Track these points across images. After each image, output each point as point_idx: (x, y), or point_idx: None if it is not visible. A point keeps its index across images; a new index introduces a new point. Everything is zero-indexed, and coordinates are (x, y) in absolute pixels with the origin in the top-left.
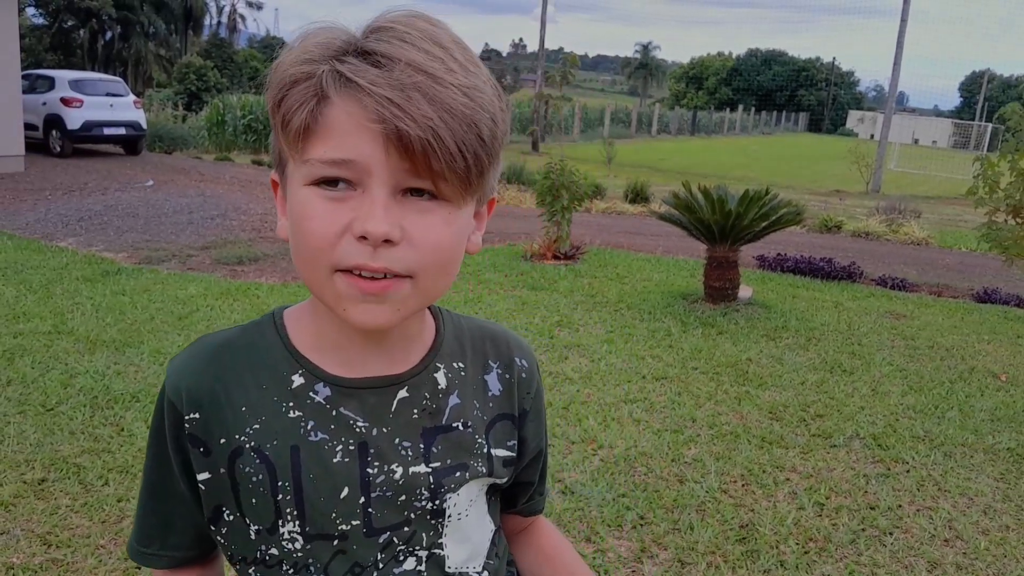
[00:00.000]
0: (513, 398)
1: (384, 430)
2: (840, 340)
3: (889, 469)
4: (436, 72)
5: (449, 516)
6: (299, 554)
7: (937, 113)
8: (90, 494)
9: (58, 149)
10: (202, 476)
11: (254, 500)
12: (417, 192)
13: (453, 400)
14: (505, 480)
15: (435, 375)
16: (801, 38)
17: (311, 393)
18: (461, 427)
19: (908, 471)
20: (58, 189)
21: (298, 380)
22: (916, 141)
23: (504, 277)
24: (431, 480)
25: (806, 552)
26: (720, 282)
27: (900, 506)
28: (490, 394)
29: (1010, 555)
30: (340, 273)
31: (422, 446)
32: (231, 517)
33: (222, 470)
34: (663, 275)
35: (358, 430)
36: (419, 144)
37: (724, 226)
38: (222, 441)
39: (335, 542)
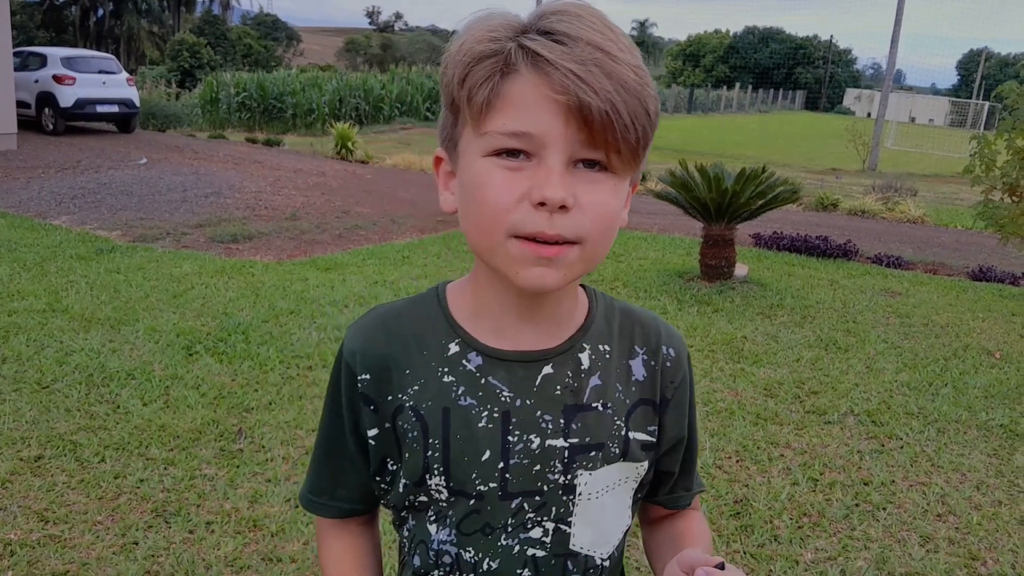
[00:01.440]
0: (656, 385)
1: (528, 402)
2: (835, 318)
3: (883, 445)
4: (611, 50)
5: (579, 494)
6: (443, 504)
7: (934, 91)
8: (87, 471)
9: (51, 127)
10: (372, 432)
11: (408, 455)
12: (587, 164)
13: (594, 381)
14: (645, 464)
15: (579, 355)
16: (799, 15)
17: (464, 361)
18: (600, 408)
19: (902, 447)
20: (51, 167)
21: (454, 348)
22: (913, 119)
23: None
24: (566, 455)
25: (800, 527)
26: (716, 260)
27: (893, 481)
28: (633, 379)
29: (1002, 529)
30: (515, 238)
31: (562, 421)
32: (394, 467)
33: (387, 425)
34: (659, 253)
35: (503, 399)
36: (599, 115)
37: (720, 204)
38: (389, 399)
39: (472, 501)
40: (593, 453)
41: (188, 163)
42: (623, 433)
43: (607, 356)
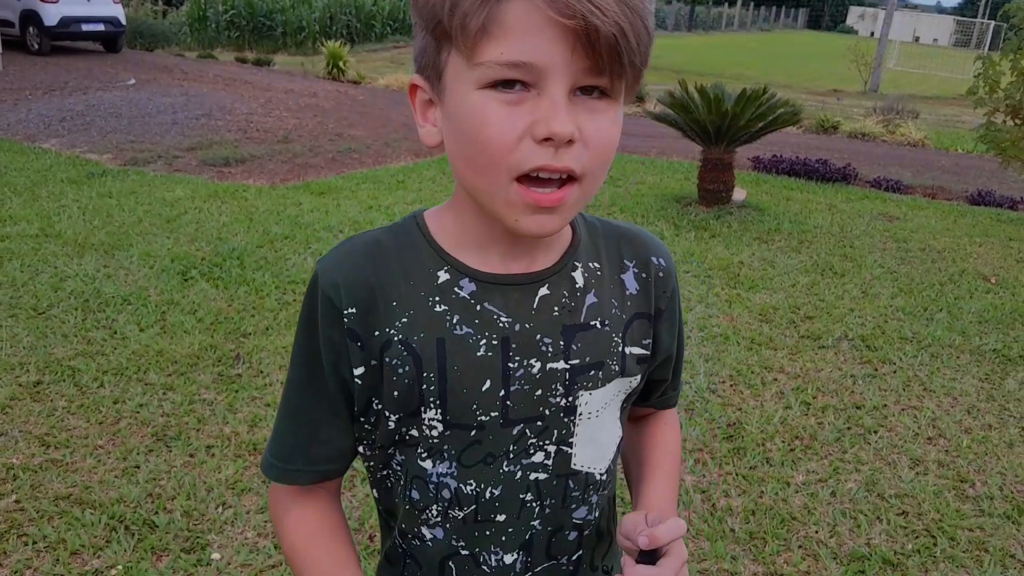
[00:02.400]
0: (650, 297)
1: (527, 326)
2: (832, 242)
3: (876, 369)
4: None
5: (580, 414)
6: (435, 440)
7: (939, 10)
8: (86, 396)
9: (36, 47)
10: (358, 371)
11: (396, 392)
12: (587, 91)
13: (590, 299)
14: (638, 378)
15: (573, 274)
16: None
17: (456, 288)
18: (599, 325)
19: (895, 371)
20: (38, 88)
21: (443, 276)
22: (917, 39)
23: None
24: (567, 377)
25: (792, 450)
26: (714, 184)
27: (885, 405)
28: (627, 293)
29: (991, 453)
30: (517, 184)
31: (562, 343)
32: (378, 407)
33: (373, 362)
34: (657, 178)
35: (501, 325)
36: (607, 40)
37: (720, 127)
38: (376, 334)
39: (472, 432)
40: (593, 372)
41: (177, 84)
42: (621, 349)
43: (599, 273)
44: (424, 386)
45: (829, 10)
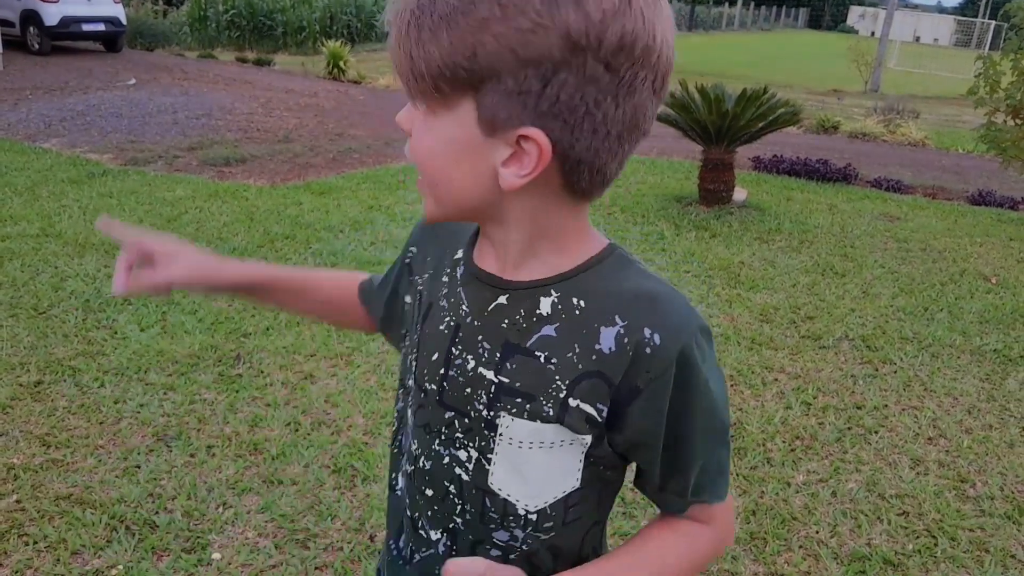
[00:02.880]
0: (621, 366)
1: (475, 323)
2: (833, 242)
3: (877, 369)
4: None
5: (500, 435)
6: (412, 389)
7: (940, 9)
8: (86, 396)
9: (36, 46)
10: (407, 299)
11: (413, 333)
12: None
13: (547, 330)
14: (589, 439)
15: (540, 298)
16: None
17: (458, 268)
18: (543, 359)
19: (895, 371)
20: (38, 88)
21: (459, 254)
22: (917, 39)
23: None
24: (492, 389)
25: (792, 450)
26: (715, 184)
27: (886, 405)
28: (597, 347)
29: (991, 453)
30: None
31: (498, 355)
32: (407, 341)
33: (417, 300)
34: (657, 178)
35: (461, 312)
36: (392, 37)
37: (721, 127)
38: (417, 278)
39: (422, 395)
40: (520, 400)
41: (178, 84)
42: (562, 396)
43: (576, 312)
44: (416, 336)
45: (830, 10)
